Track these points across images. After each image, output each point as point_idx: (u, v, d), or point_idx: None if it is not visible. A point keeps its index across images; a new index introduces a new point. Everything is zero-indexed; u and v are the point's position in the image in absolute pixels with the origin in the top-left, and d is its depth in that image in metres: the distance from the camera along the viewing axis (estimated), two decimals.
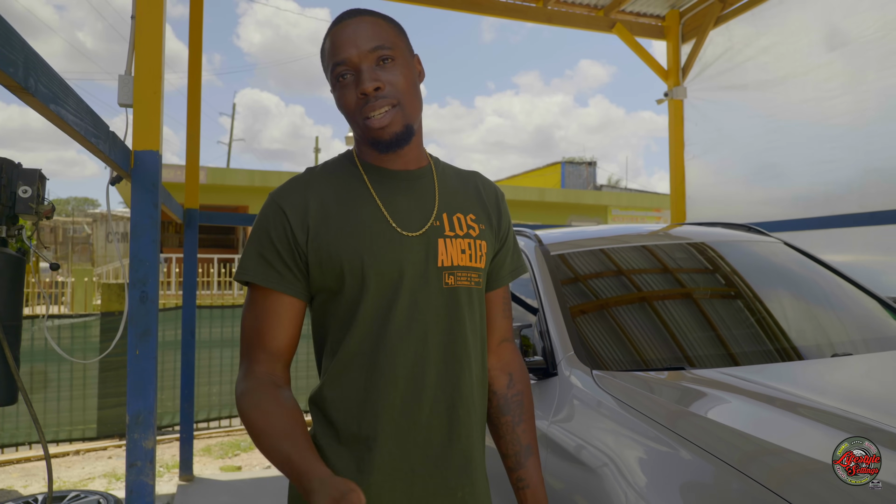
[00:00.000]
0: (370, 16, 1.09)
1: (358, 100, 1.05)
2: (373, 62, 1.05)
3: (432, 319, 1.08)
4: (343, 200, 1.09)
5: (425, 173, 1.16)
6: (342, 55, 1.05)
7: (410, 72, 1.09)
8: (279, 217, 1.08)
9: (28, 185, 1.91)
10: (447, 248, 1.10)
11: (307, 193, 1.10)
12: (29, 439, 4.63)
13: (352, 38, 1.05)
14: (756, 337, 2.03)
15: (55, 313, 7.35)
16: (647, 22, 5.55)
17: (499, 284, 1.22)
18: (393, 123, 1.05)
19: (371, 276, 1.06)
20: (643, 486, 1.38)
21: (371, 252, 1.06)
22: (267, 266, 1.07)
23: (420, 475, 1.08)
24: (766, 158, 4.68)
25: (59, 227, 24.26)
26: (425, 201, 1.12)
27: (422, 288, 1.08)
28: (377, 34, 1.06)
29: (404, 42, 1.11)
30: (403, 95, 1.06)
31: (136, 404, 1.97)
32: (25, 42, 1.13)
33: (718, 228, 2.70)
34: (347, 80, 1.06)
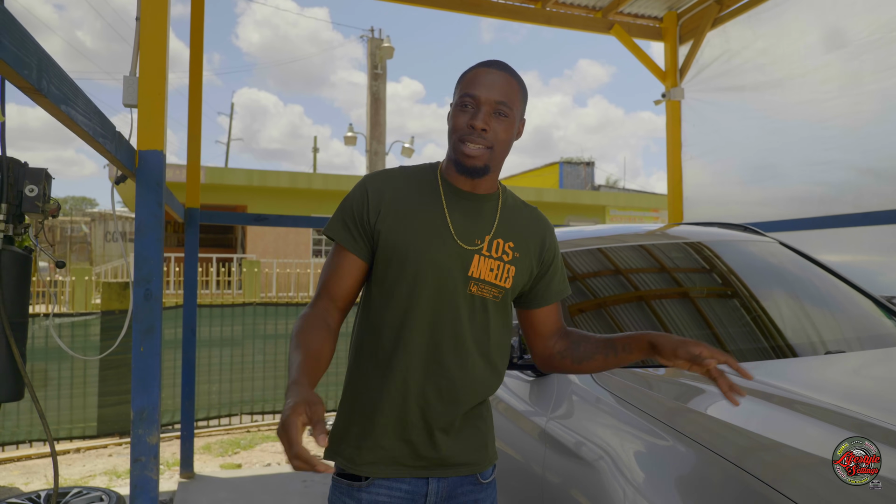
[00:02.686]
0: (509, 75, 1.34)
1: (465, 128, 1.30)
2: (492, 108, 1.29)
3: (453, 314, 1.32)
4: (415, 199, 1.34)
5: (491, 199, 1.39)
6: (475, 91, 1.30)
7: (512, 129, 1.34)
8: (363, 196, 1.35)
9: (34, 184, 1.94)
10: (479, 263, 1.33)
11: (390, 184, 1.36)
12: (29, 437, 4.65)
13: (489, 83, 1.30)
14: (751, 335, 2.06)
15: (56, 312, 7.36)
16: (645, 23, 5.58)
17: (546, 303, 1.45)
18: (479, 158, 1.30)
19: (414, 267, 1.30)
20: (641, 482, 1.41)
21: (424, 248, 1.30)
22: (345, 229, 1.35)
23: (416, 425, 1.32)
24: (763, 159, 4.72)
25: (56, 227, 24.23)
26: (483, 224, 1.36)
27: (451, 287, 1.32)
28: (506, 92, 1.31)
29: (522, 106, 1.37)
30: (498, 144, 1.31)
31: (141, 400, 2.00)
32: (39, 45, 1.16)
33: (715, 228, 2.73)
34: (468, 109, 1.31)
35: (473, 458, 1.38)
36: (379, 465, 1.32)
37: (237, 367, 5.53)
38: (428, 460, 1.33)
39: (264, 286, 15.49)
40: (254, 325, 5.63)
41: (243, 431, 5.45)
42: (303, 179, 17.66)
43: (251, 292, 13.85)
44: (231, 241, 19.22)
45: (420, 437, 1.32)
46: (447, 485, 1.35)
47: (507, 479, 2.00)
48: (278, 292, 15.36)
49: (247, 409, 5.59)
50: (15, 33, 1.03)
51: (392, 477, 1.32)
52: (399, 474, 1.32)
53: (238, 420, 5.57)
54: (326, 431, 1.01)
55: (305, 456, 0.96)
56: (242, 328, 5.61)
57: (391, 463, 1.32)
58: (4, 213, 1.87)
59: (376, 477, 1.32)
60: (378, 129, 15.69)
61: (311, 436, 0.98)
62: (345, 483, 1.34)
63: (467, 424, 1.36)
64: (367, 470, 1.32)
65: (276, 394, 5.67)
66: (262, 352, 5.62)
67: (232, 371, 5.51)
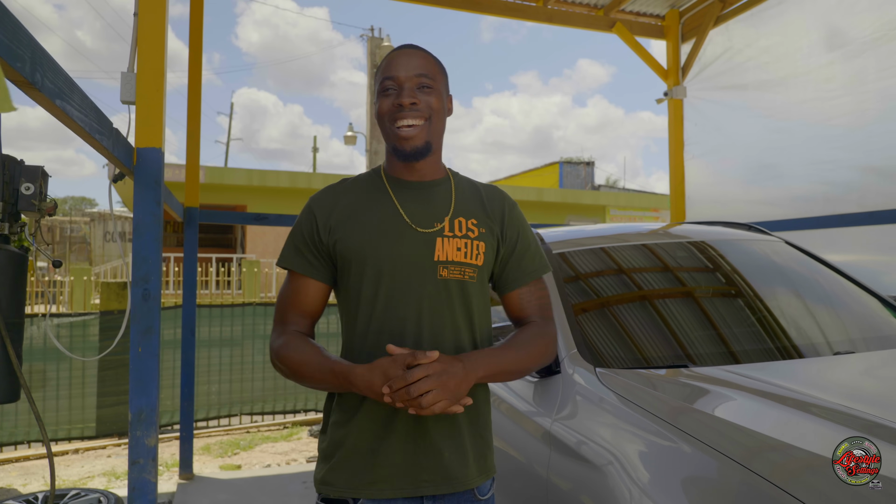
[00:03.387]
0: (424, 52, 1.34)
1: (393, 108, 1.28)
2: (415, 85, 1.28)
3: (426, 306, 1.27)
4: (365, 203, 1.32)
5: (441, 184, 1.36)
6: (392, 73, 1.29)
7: (442, 102, 1.32)
8: (310, 217, 1.34)
9: (31, 182, 1.91)
10: (444, 245, 1.28)
11: (336, 198, 1.35)
12: (28, 438, 4.62)
13: (404, 63, 1.30)
14: (757, 335, 2.03)
15: (54, 312, 7.33)
16: (647, 21, 5.55)
17: (517, 285, 1.39)
18: (417, 137, 1.28)
19: (370, 265, 1.27)
20: (647, 483, 1.38)
21: (378, 243, 1.27)
22: (300, 256, 1.33)
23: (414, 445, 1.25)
24: (766, 158, 4.69)
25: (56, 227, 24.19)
26: (437, 208, 1.32)
27: (419, 277, 1.27)
28: (425, 66, 1.30)
29: (444, 81, 1.35)
30: (434, 114, 1.29)
31: (139, 402, 1.97)
32: (32, 37, 1.13)
33: (719, 227, 2.70)
34: (390, 93, 1.29)
35: (471, 472, 1.29)
36: (373, 487, 1.24)
37: (237, 367, 5.50)
38: (424, 476, 1.25)
39: (264, 286, 15.46)
40: (253, 325, 5.61)
41: (243, 432, 5.42)
42: (303, 179, 17.63)
43: (251, 292, 13.82)
44: (231, 241, 19.19)
45: (415, 449, 1.25)
46: (444, 501, 1.27)
47: (510, 480, 1.97)
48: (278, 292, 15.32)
49: (246, 410, 5.56)
50: (6, 23, 1.00)
51: (386, 498, 1.25)
52: (393, 495, 1.25)
53: (238, 420, 5.54)
54: None
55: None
56: (242, 328, 5.58)
57: (385, 482, 1.24)
58: (0, 211, 1.84)
59: (370, 499, 1.25)
60: (378, 129, 15.66)
61: None
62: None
63: (464, 433, 1.29)
64: (363, 492, 1.25)
65: (276, 394, 5.64)
66: (262, 352, 5.59)
67: (231, 371, 5.48)
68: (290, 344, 1.28)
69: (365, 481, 1.25)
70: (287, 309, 1.35)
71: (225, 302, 11.37)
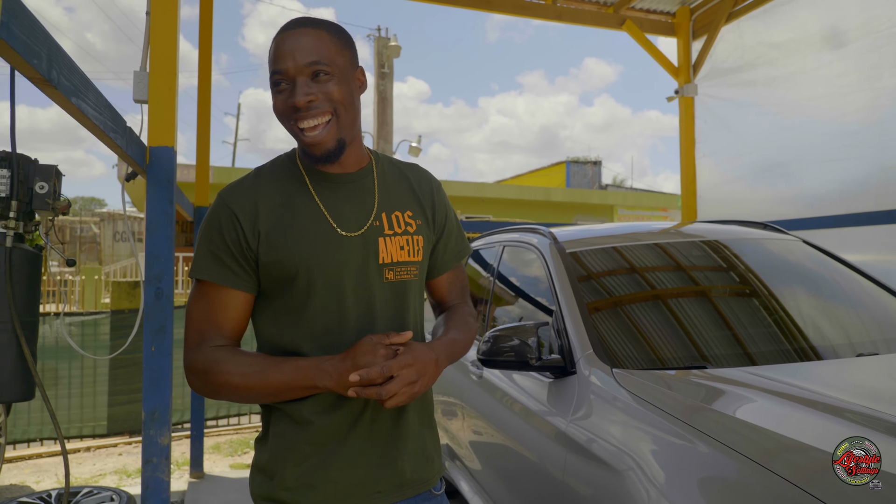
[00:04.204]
0: (313, 28, 1.12)
1: (287, 108, 1.11)
2: (308, 76, 1.10)
3: (378, 311, 1.17)
4: (289, 205, 1.15)
5: (366, 174, 1.22)
6: (280, 65, 1.10)
7: (347, 85, 1.13)
8: (231, 219, 1.13)
9: (45, 181, 1.91)
10: (387, 245, 1.18)
11: (256, 197, 1.15)
12: (40, 435, 4.65)
13: (291, 51, 1.10)
14: (775, 336, 2.01)
15: (69, 311, 7.37)
16: (658, 19, 5.52)
17: (445, 269, 1.32)
18: (326, 140, 1.11)
19: (317, 277, 1.13)
20: (664, 483, 1.37)
21: (315, 255, 1.13)
22: (221, 265, 1.13)
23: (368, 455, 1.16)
24: (778, 156, 4.65)
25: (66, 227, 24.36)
26: (365, 202, 1.19)
27: (365, 284, 1.16)
28: (316, 48, 1.10)
29: (344, 56, 1.14)
30: (339, 107, 1.12)
31: (152, 401, 1.96)
32: (49, 35, 1.13)
33: (734, 226, 2.68)
34: (282, 88, 1.11)
35: (426, 474, 1.24)
36: (327, 502, 1.14)
37: None
38: (382, 485, 1.17)
39: None
40: None
41: (252, 431, 5.43)
42: None
43: None
44: None
45: (368, 461, 1.16)
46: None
47: (524, 481, 1.96)
48: None
49: (256, 409, 5.56)
50: (24, 21, 1.00)
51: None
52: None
53: (247, 420, 5.55)
54: None
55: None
56: (250, 327, 5.57)
57: (342, 497, 1.14)
58: (15, 210, 1.84)
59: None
60: (385, 128, 15.67)
61: None
62: None
63: (417, 437, 1.23)
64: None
65: None
66: None
67: None
68: (224, 356, 1.11)
69: (319, 496, 1.14)
70: (206, 329, 1.14)
71: None
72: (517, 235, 2.75)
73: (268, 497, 1.16)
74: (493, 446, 2.33)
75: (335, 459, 1.14)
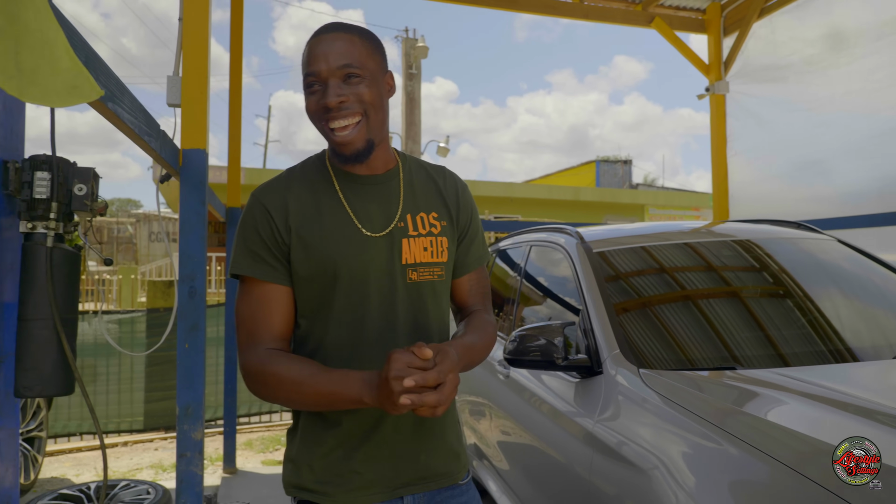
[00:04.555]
0: (345, 33, 1.17)
1: (319, 108, 1.15)
2: (340, 78, 1.14)
3: (400, 311, 1.19)
4: (316, 205, 1.20)
5: (392, 176, 1.25)
6: (313, 67, 1.15)
7: (377, 88, 1.18)
8: (265, 216, 1.18)
9: (83, 183, 1.97)
10: (410, 246, 1.20)
11: (287, 195, 1.20)
12: (80, 430, 4.79)
13: (324, 54, 1.15)
14: (809, 337, 1.97)
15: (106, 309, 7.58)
16: (687, 15, 5.44)
17: (465, 271, 1.33)
18: (356, 140, 1.15)
19: (343, 276, 1.16)
20: (693, 487, 1.35)
21: (341, 254, 1.16)
22: (259, 260, 1.17)
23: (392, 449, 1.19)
24: (813, 154, 4.55)
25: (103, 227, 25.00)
26: (390, 204, 1.22)
27: (389, 284, 1.19)
28: (348, 52, 1.15)
29: (375, 60, 1.19)
30: (370, 108, 1.16)
31: (186, 396, 2.02)
32: (85, 41, 1.17)
33: (766, 225, 2.63)
34: (315, 90, 1.16)
35: (451, 468, 1.26)
36: (353, 493, 1.18)
37: None
38: (405, 478, 1.21)
39: None
40: None
41: (283, 428, 5.51)
42: None
43: None
44: None
45: (396, 454, 1.20)
46: (424, 498, 1.24)
47: (551, 482, 1.96)
48: None
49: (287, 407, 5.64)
50: (62, 28, 1.04)
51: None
52: (372, 500, 1.19)
53: (279, 417, 5.64)
54: None
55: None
56: None
57: (368, 488, 1.19)
58: (55, 211, 1.90)
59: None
60: (413, 129, 15.73)
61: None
62: None
63: (440, 432, 1.25)
64: (342, 499, 1.18)
65: None
66: None
67: None
68: (276, 359, 1.14)
69: (344, 488, 1.18)
70: (255, 329, 1.17)
71: None
72: (544, 235, 2.75)
73: (297, 486, 1.21)
74: (521, 446, 2.33)
75: (361, 453, 1.18)
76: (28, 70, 0.66)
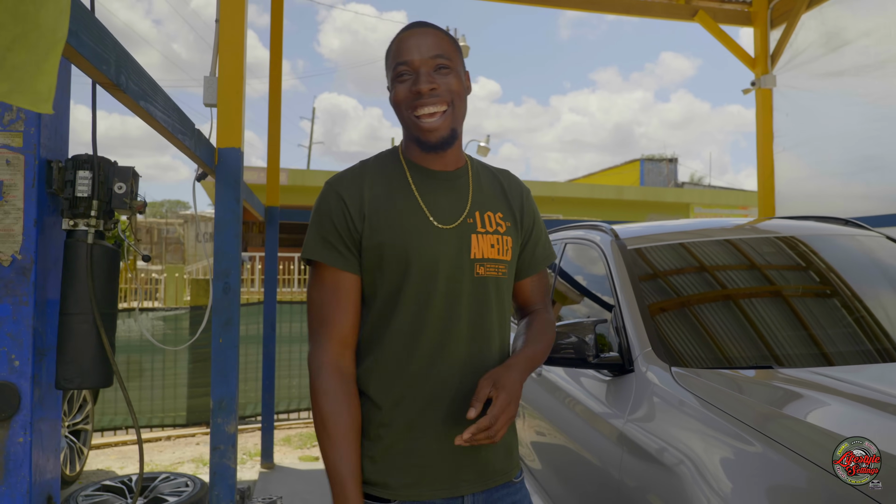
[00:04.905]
0: (434, 29, 1.24)
1: (410, 95, 1.19)
2: (431, 68, 1.20)
3: (464, 303, 1.22)
4: (389, 195, 1.23)
5: (462, 174, 1.29)
6: (405, 57, 1.20)
7: (461, 82, 1.23)
8: (339, 204, 1.22)
9: (123, 182, 2.03)
10: (479, 242, 1.24)
11: (362, 185, 1.24)
12: (125, 424, 4.95)
13: (416, 45, 1.20)
14: (855, 336, 1.88)
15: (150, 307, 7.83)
16: (732, 8, 5.29)
17: (530, 273, 1.36)
18: (442, 127, 1.20)
19: (413, 265, 1.20)
20: (728, 492, 1.30)
21: (412, 243, 1.20)
22: (330, 247, 1.21)
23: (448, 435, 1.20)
24: (867, 149, 4.36)
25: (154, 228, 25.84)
26: (460, 199, 1.26)
27: (456, 276, 1.22)
28: (439, 45, 1.21)
29: (459, 58, 1.26)
30: (456, 98, 1.21)
31: (220, 390, 2.05)
32: (117, 42, 1.20)
33: (810, 222, 2.53)
34: (405, 79, 1.20)
35: (507, 465, 1.29)
36: (415, 489, 1.20)
37: None
38: (466, 474, 1.23)
39: None
40: None
41: None
42: None
43: None
44: None
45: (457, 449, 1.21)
46: (482, 497, 1.26)
47: (582, 482, 1.92)
48: None
49: None
50: (93, 30, 1.07)
51: (427, 499, 1.21)
52: (433, 496, 1.21)
53: None
54: None
55: None
56: None
57: (428, 482, 1.21)
58: (95, 209, 1.97)
59: (409, 500, 1.21)
60: None
61: None
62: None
63: None
64: (403, 493, 1.20)
65: None
66: None
67: None
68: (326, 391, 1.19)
69: (404, 482, 1.20)
70: (330, 311, 1.21)
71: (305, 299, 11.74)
72: (579, 233, 2.70)
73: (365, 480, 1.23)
74: (553, 446, 2.29)
75: (421, 446, 1.20)
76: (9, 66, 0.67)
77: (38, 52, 0.70)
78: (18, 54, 0.67)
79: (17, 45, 0.67)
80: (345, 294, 1.21)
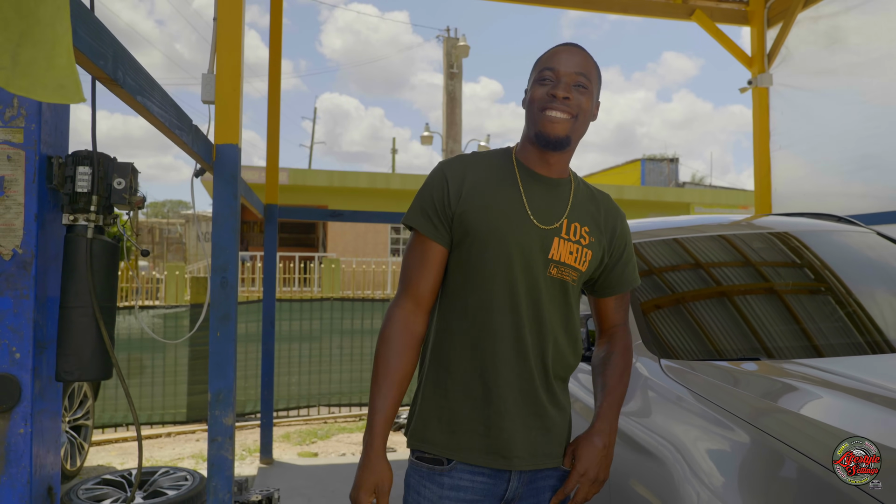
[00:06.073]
0: (587, 53, 1.36)
1: (545, 97, 1.30)
2: (572, 81, 1.31)
3: (534, 296, 1.32)
4: (493, 184, 1.35)
5: (565, 184, 1.40)
6: (553, 65, 1.32)
7: (591, 104, 1.35)
8: (442, 181, 1.35)
9: (122, 178, 2.06)
10: (559, 246, 1.33)
11: (467, 170, 1.36)
12: (126, 421, 4.98)
13: (566, 59, 1.32)
14: (846, 330, 1.91)
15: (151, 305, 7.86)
16: (729, 7, 5.31)
17: (615, 292, 1.46)
18: (562, 126, 1.30)
19: (499, 248, 1.30)
20: (719, 486, 1.31)
21: (503, 229, 1.30)
22: (426, 218, 1.34)
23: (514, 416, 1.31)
24: (864, 148, 4.37)
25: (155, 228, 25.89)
26: (557, 205, 1.36)
27: (532, 269, 1.32)
28: (585, 66, 1.33)
29: (598, 86, 1.38)
30: (581, 114, 1.32)
31: (217, 383, 2.08)
32: (114, 38, 1.23)
33: (803, 219, 2.55)
34: (546, 83, 1.32)
35: (558, 451, 1.36)
36: (467, 451, 1.31)
37: (315, 360, 5.71)
38: (519, 451, 1.31)
39: (343, 284, 15.90)
40: (331, 320, 5.79)
41: (321, 422, 5.61)
42: (381, 180, 18.06)
43: (330, 289, 14.26)
44: (314, 241, 19.85)
45: (507, 423, 1.30)
46: (528, 476, 1.34)
47: None
48: (357, 289, 15.74)
49: (324, 401, 5.75)
50: (90, 25, 1.10)
51: (478, 464, 1.31)
52: (485, 463, 1.31)
53: (316, 411, 5.75)
54: None
55: None
56: (321, 323, 5.78)
57: (480, 450, 1.31)
58: (95, 204, 1.99)
59: (462, 461, 1.31)
60: (454, 128, 15.76)
61: None
62: (425, 466, 1.34)
63: (552, 414, 1.35)
64: (457, 454, 1.31)
65: (353, 387, 5.80)
66: (340, 346, 5.77)
67: (311, 364, 5.69)
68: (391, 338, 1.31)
69: (460, 449, 1.31)
70: (409, 280, 1.35)
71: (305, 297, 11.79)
72: None
73: (421, 439, 1.35)
74: None
75: (481, 417, 1.30)
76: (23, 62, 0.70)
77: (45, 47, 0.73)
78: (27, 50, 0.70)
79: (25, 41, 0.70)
80: (429, 261, 1.34)
